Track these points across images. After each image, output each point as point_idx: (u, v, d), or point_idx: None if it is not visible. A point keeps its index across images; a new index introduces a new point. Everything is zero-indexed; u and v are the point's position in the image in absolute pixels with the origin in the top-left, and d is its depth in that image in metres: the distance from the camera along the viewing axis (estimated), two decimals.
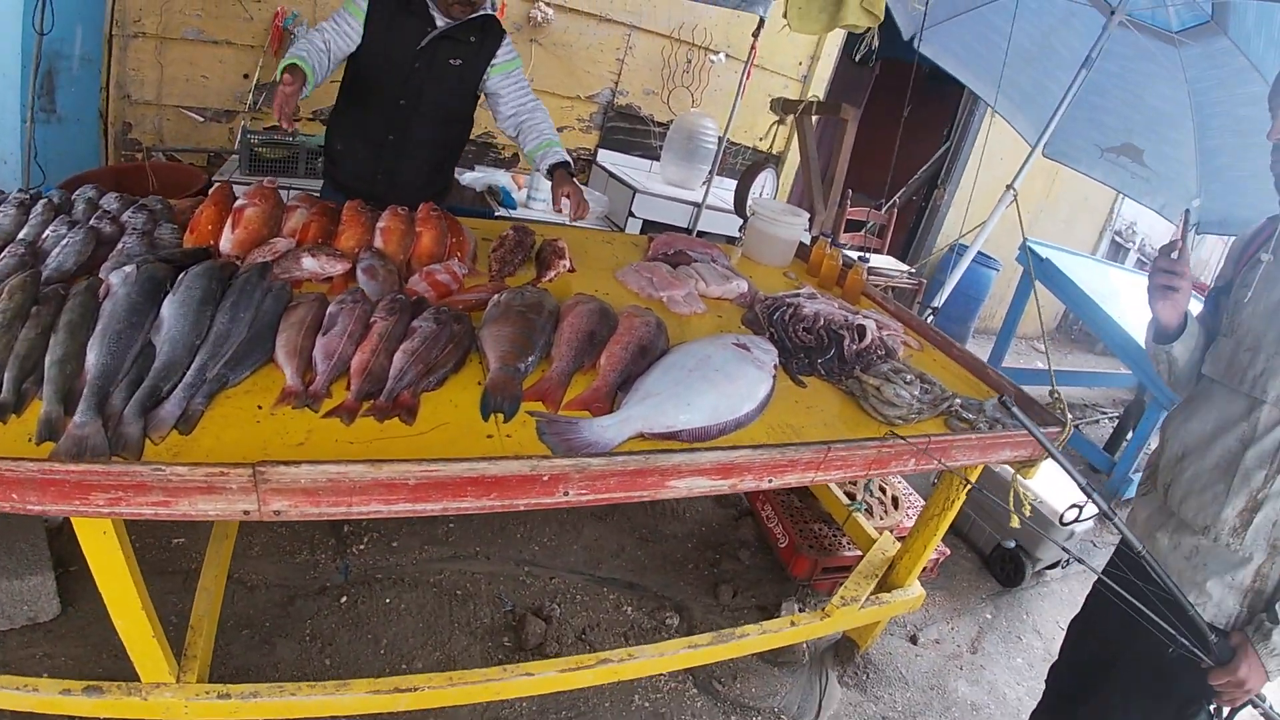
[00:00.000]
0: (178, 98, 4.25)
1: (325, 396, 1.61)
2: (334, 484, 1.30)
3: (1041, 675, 3.42)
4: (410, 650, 2.63)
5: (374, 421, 1.57)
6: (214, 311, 1.70)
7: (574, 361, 1.91)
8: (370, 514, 1.37)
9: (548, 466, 1.44)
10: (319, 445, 1.48)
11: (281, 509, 1.30)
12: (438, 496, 1.39)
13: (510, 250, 2.51)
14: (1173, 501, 1.88)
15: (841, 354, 2.41)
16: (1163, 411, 4.63)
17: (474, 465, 1.38)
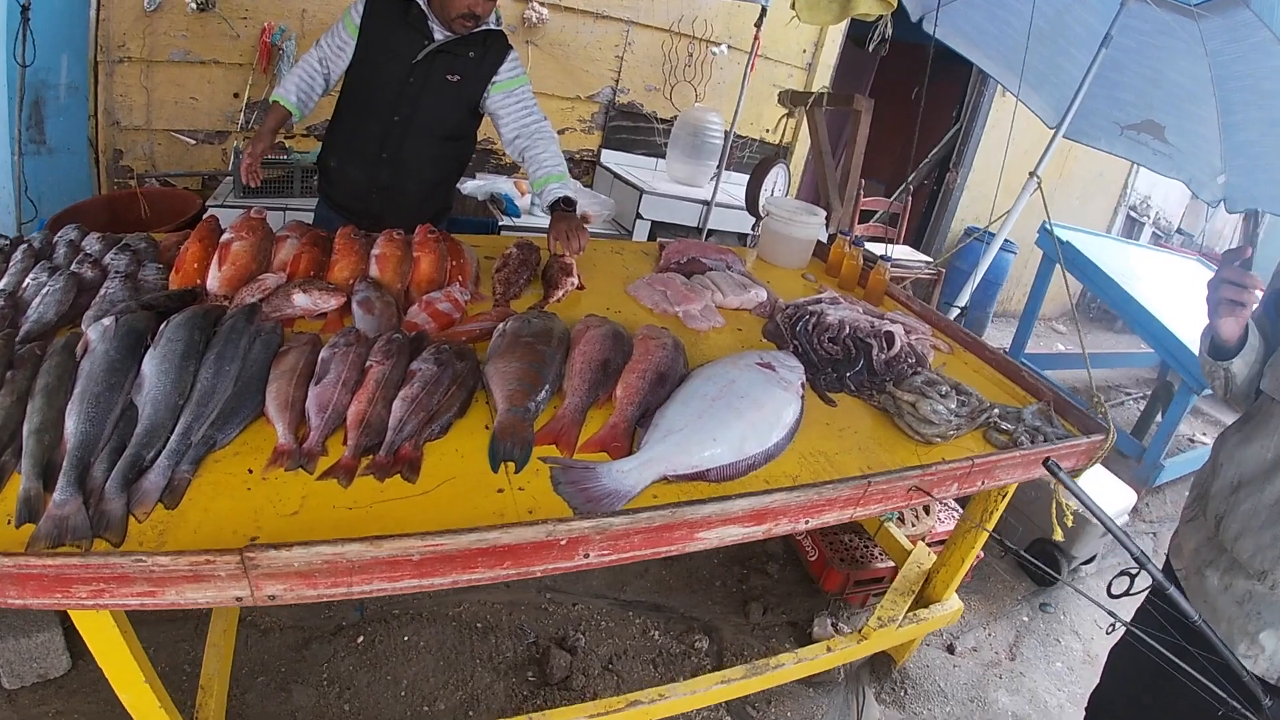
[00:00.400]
0: (167, 121, 4.14)
1: (321, 454, 1.50)
2: (331, 565, 1.19)
3: (1081, 679, 3.34)
4: (432, 691, 2.53)
5: (374, 481, 1.46)
6: (197, 365, 1.58)
7: (588, 396, 1.79)
8: (374, 592, 1.26)
9: (565, 530, 1.31)
10: (315, 513, 1.36)
11: (276, 593, 1.20)
12: (446, 570, 1.28)
13: (514, 270, 2.39)
14: (1225, 536, 1.71)
15: (870, 365, 2.29)
16: (1193, 396, 4.49)
17: (484, 535, 1.26)
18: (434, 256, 2.26)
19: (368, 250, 2.22)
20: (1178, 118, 4.21)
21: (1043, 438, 2.13)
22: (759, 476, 1.71)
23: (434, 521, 1.38)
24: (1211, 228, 9.58)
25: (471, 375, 1.78)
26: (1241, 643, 1.64)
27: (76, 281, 1.84)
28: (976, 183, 6.70)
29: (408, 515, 1.39)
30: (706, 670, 2.83)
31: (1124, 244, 6.46)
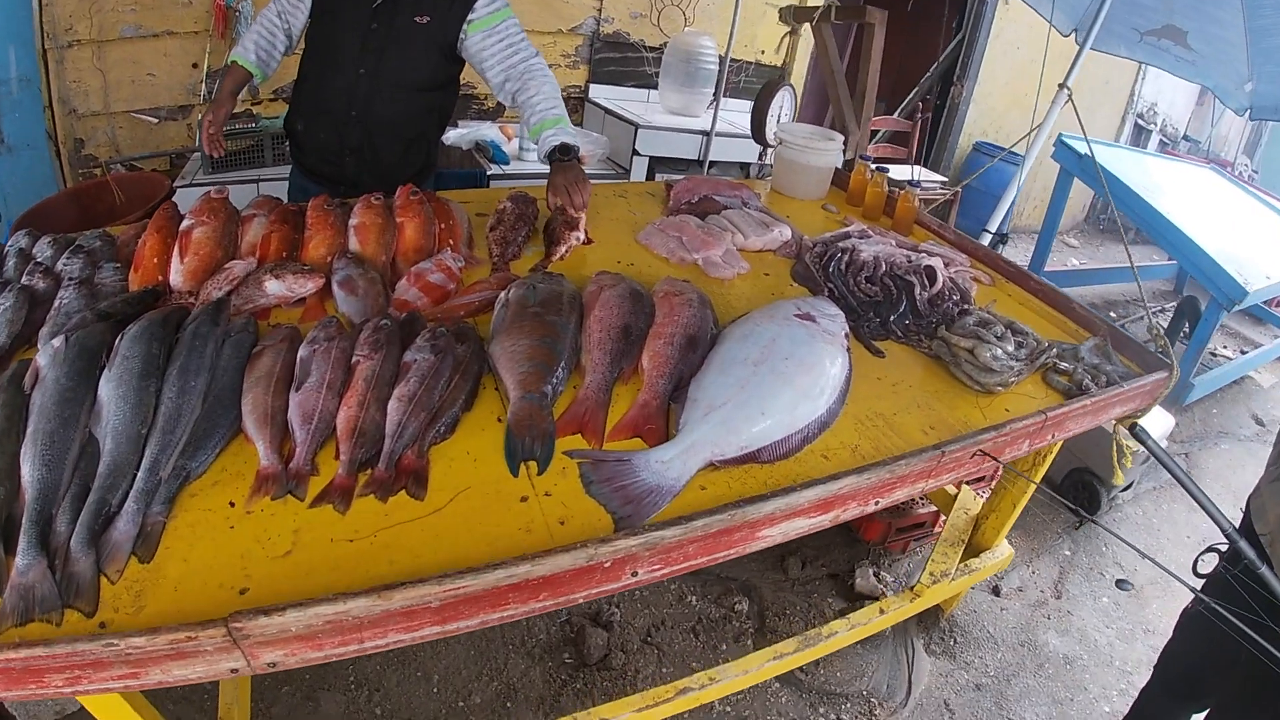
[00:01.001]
0: (126, 102, 3.83)
1: (310, 474, 1.28)
2: (334, 624, 0.99)
3: (1129, 613, 3.21)
4: (465, 684, 2.37)
5: (376, 501, 1.24)
6: (159, 383, 1.35)
7: (611, 370, 1.57)
8: (390, 645, 1.06)
9: (609, 551, 1.11)
10: (310, 550, 1.15)
11: (277, 660, 1.01)
12: (472, 612, 1.08)
13: (511, 227, 2.14)
14: None
15: (914, 306, 2.07)
16: (1222, 312, 4.30)
17: (513, 570, 1.06)
18: (420, 221, 2.02)
19: (345, 221, 1.98)
20: (1201, 22, 3.92)
21: (1104, 377, 1.93)
22: (815, 450, 1.51)
23: (450, 548, 1.18)
24: (1217, 134, 9.30)
25: (475, 359, 1.55)
26: None
27: (28, 296, 1.60)
28: (983, 95, 6.39)
29: (419, 541, 1.19)
30: (749, 634, 2.69)
31: (1138, 154, 6.21)
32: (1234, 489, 4.30)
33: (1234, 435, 4.87)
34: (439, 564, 1.13)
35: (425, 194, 2.12)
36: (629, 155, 4.22)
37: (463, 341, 1.58)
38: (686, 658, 2.56)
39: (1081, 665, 2.92)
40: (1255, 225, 5.44)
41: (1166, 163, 5.98)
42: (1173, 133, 8.69)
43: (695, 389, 1.52)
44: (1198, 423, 4.89)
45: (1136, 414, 2.04)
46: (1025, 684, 2.79)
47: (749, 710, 2.45)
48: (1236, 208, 5.62)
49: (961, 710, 2.64)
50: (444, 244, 2.02)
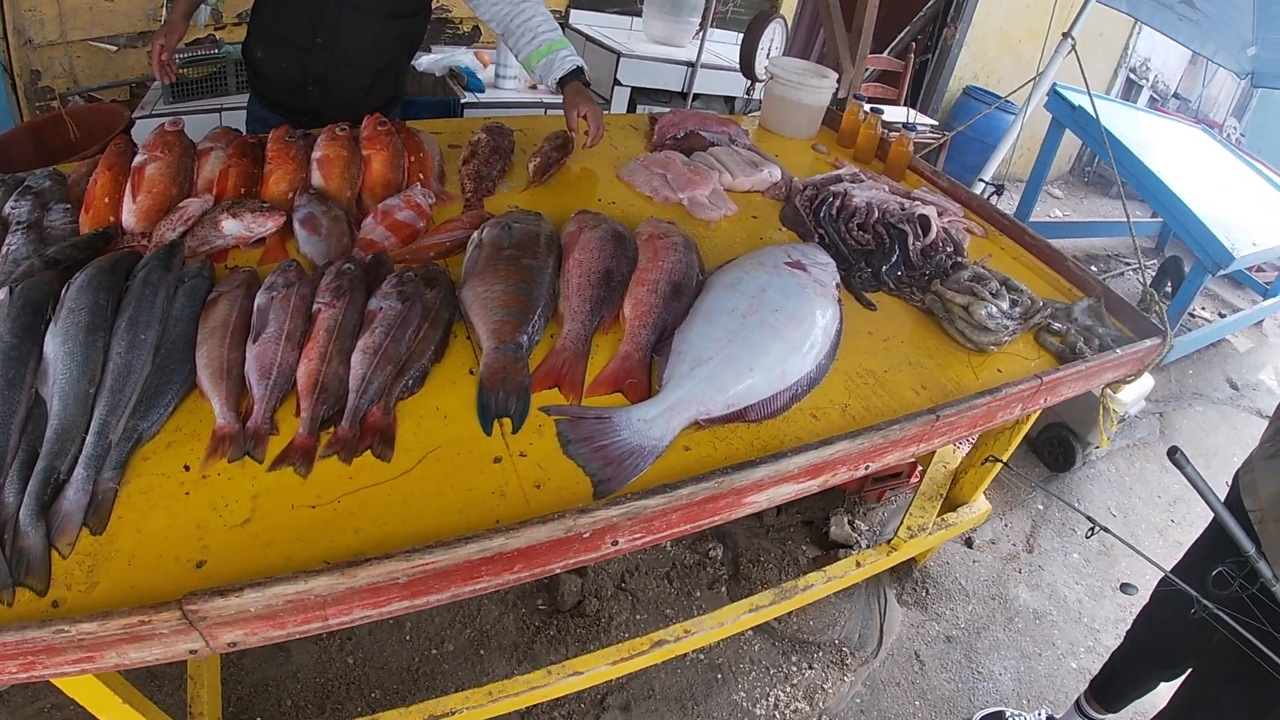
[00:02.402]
0: (84, 30, 3.58)
1: (270, 433, 1.18)
2: (297, 604, 0.92)
3: (1099, 570, 3.22)
4: (438, 631, 2.33)
5: (339, 463, 1.15)
6: (108, 337, 1.23)
7: (591, 318, 1.48)
8: (357, 621, 0.99)
9: (589, 522, 1.04)
10: (270, 517, 1.07)
11: (237, 640, 0.94)
12: (442, 586, 1.01)
13: (485, 161, 2.01)
14: None
15: (907, 256, 1.99)
16: (1206, 275, 4.26)
17: (486, 544, 0.98)
18: (388, 153, 1.88)
19: (308, 154, 1.83)
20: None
21: (1097, 341, 1.87)
22: (804, 409, 1.44)
23: (419, 515, 1.10)
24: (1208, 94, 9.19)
25: (446, 306, 1.45)
26: None
27: None
28: (976, 39, 6.20)
29: (386, 507, 1.10)
30: (723, 581, 2.67)
31: (1130, 109, 6.09)
32: (1205, 451, 4.33)
33: (1208, 398, 4.90)
34: (407, 532, 1.06)
35: (394, 124, 1.97)
36: (610, 85, 4.04)
37: (432, 286, 1.47)
38: (660, 604, 2.54)
39: (1050, 621, 2.94)
40: (1243, 189, 5.38)
41: (1158, 120, 5.88)
42: (1164, 90, 8.57)
43: (680, 341, 1.43)
44: (1173, 383, 4.91)
45: (1126, 379, 2.00)
46: (995, 637, 2.80)
47: (722, 658, 2.44)
48: (1225, 170, 5.56)
49: (931, 661, 2.65)
50: (414, 179, 1.90)
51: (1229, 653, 1.58)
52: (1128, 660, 2.19)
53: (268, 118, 2.32)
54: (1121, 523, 3.57)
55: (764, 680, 2.41)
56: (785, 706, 2.36)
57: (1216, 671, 1.73)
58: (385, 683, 2.18)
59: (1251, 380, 5.28)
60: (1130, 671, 2.18)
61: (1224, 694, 1.70)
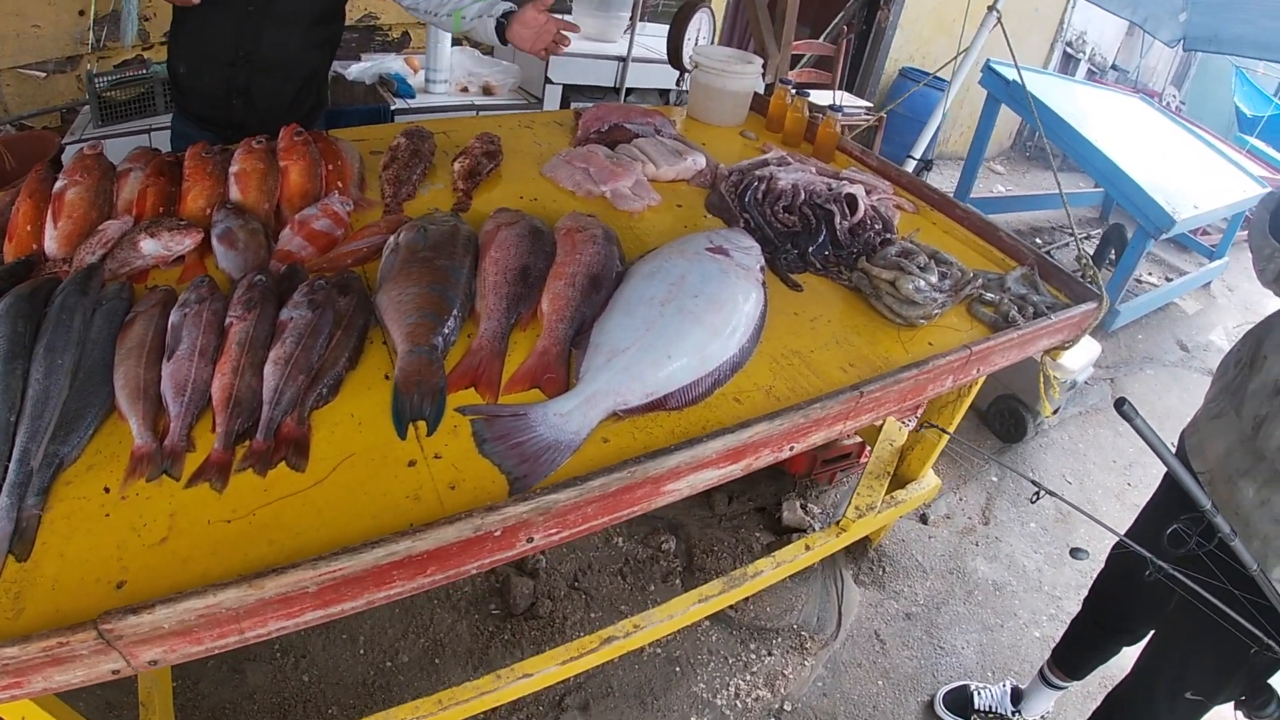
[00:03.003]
0: (11, 57, 3.47)
1: (187, 450, 1.16)
2: (208, 618, 0.90)
3: (1056, 538, 3.26)
4: (392, 643, 2.30)
5: (255, 476, 1.13)
6: (27, 365, 1.21)
7: (508, 316, 1.45)
8: (273, 633, 0.97)
9: (497, 520, 1.01)
10: (187, 534, 1.04)
11: (157, 658, 0.92)
12: (355, 593, 0.99)
13: (405, 165, 1.98)
14: (1266, 444, 1.46)
15: (834, 236, 1.98)
16: (1149, 240, 4.33)
17: (393, 548, 0.96)
18: (304, 163, 1.83)
19: (225, 168, 1.79)
20: None
21: (1031, 309, 1.88)
22: (727, 394, 1.42)
23: (332, 523, 1.08)
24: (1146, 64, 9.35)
25: (360, 312, 1.42)
26: (1277, 566, 1.45)
27: None
28: (910, 20, 6.25)
29: (300, 517, 1.08)
30: (677, 573, 2.65)
31: (1066, 81, 6.20)
32: (1158, 413, 4.39)
33: (1159, 360, 4.98)
34: (320, 542, 1.04)
35: (311, 133, 1.93)
36: (541, 84, 4.01)
37: (346, 293, 1.44)
38: (615, 601, 2.52)
39: (1011, 591, 2.96)
40: (1183, 155, 5.49)
41: (1095, 91, 5.97)
42: (1101, 62, 8.70)
43: (597, 333, 1.41)
44: (1123, 348, 4.98)
45: (1065, 345, 2.01)
46: (955, 611, 2.81)
47: (679, 650, 2.42)
48: (1165, 138, 5.66)
49: (892, 640, 2.66)
50: (332, 187, 1.86)
51: (1191, 615, 1.57)
52: (1086, 628, 2.20)
53: (192, 134, 2.27)
54: (1078, 489, 3.61)
55: (723, 670, 2.40)
56: (746, 695, 2.36)
57: (1179, 634, 1.73)
58: (341, 698, 2.15)
59: (1202, 341, 5.38)
60: (1090, 639, 2.19)
61: (1189, 656, 1.69)
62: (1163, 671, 1.77)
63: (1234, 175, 5.49)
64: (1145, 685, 1.82)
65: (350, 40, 4.24)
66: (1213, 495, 1.55)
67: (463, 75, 3.95)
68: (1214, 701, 1.66)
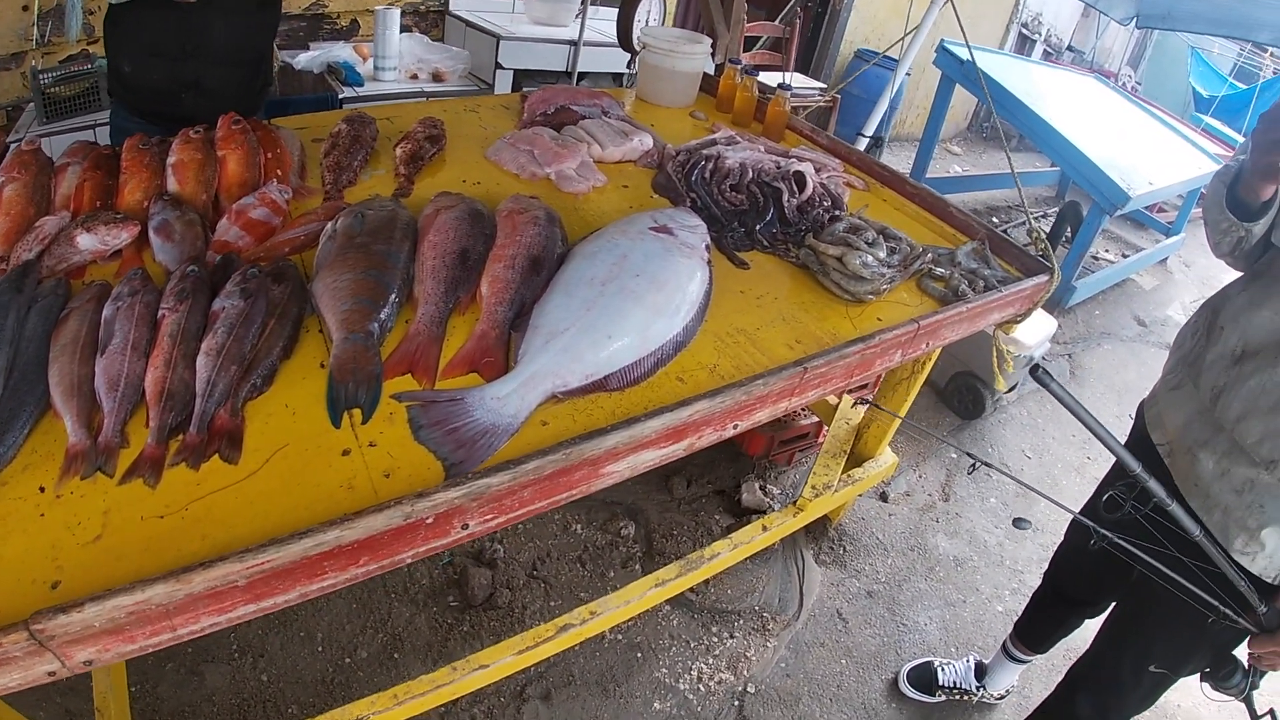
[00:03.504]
0: None
1: (121, 446, 1.13)
2: (138, 615, 0.88)
3: (1017, 512, 3.28)
4: (350, 639, 2.27)
5: (189, 470, 1.10)
6: None
7: (446, 300, 1.42)
8: (207, 630, 0.95)
9: (428, 506, 0.99)
10: (121, 532, 1.01)
11: (92, 658, 0.89)
12: (287, 586, 0.97)
13: (345, 152, 1.93)
14: (1224, 415, 1.45)
15: (782, 213, 1.97)
16: (1104, 216, 4.38)
17: (321, 538, 0.93)
18: (243, 152, 1.79)
19: (163, 160, 1.75)
20: None
21: (982, 283, 1.88)
22: (669, 373, 1.40)
23: (265, 515, 1.05)
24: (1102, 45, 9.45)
25: (295, 300, 1.38)
26: (1238, 537, 1.43)
27: None
28: (864, 2, 6.26)
29: (233, 510, 1.05)
30: (636, 559, 2.64)
31: (1022, 61, 6.25)
32: (1116, 388, 4.45)
33: (1116, 336, 5.04)
34: (253, 534, 1.00)
35: (250, 122, 1.89)
36: (492, 69, 3.96)
37: (280, 282, 1.40)
38: (574, 588, 2.51)
39: (972, 566, 2.99)
40: (1138, 133, 5.56)
41: (1050, 71, 6.03)
42: (1057, 43, 8.79)
43: (537, 315, 1.38)
44: (1081, 324, 5.04)
45: (1016, 319, 2.01)
46: (917, 588, 2.83)
47: (640, 636, 2.42)
48: (1120, 116, 5.73)
49: (855, 618, 2.67)
50: (271, 175, 1.81)
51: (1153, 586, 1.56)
52: (1048, 601, 2.21)
53: (131, 129, 2.21)
54: (1037, 464, 3.65)
55: (685, 654, 2.40)
56: (709, 679, 2.35)
57: (1141, 606, 1.73)
58: (301, 696, 2.12)
59: (1159, 316, 5.45)
60: (1052, 612, 2.21)
61: (1153, 629, 1.69)
62: (1126, 644, 1.77)
63: (1189, 153, 5.57)
64: (1109, 658, 1.82)
65: (299, 29, 4.16)
66: (1172, 466, 1.57)
67: (412, 62, 3.89)
68: (1179, 674, 1.67)
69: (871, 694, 2.45)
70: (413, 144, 2.01)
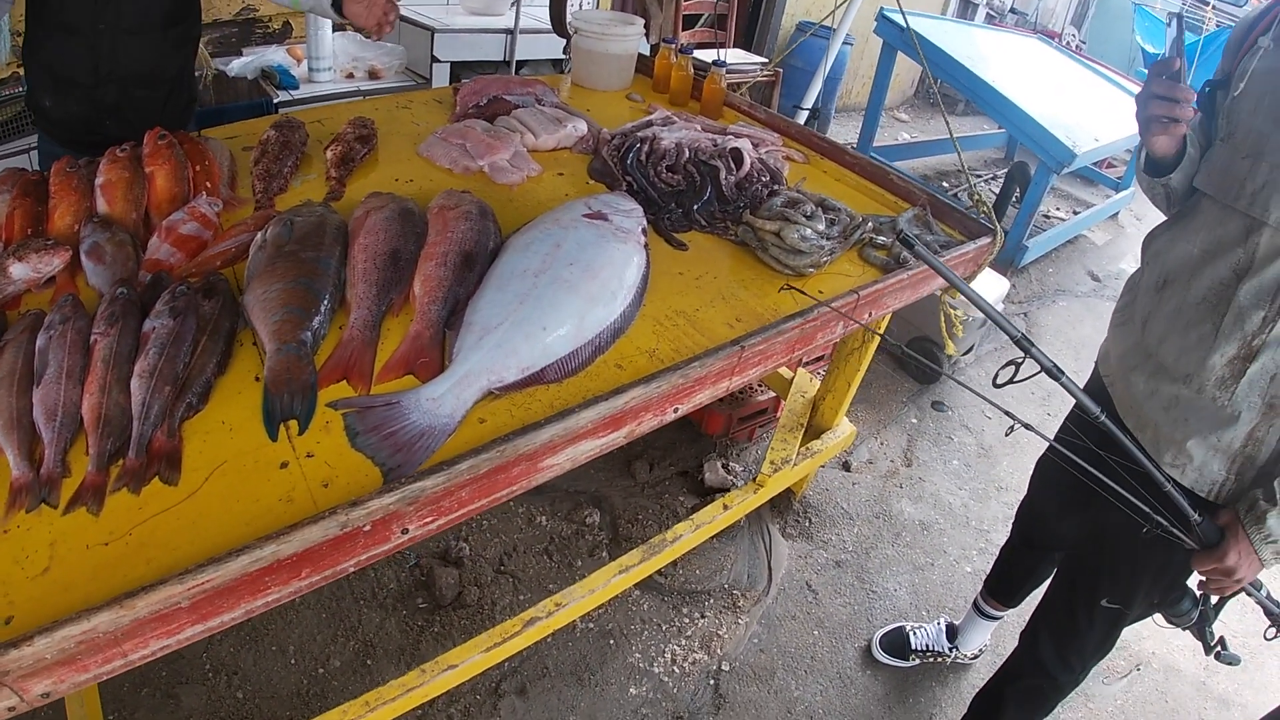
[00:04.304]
0: None
1: (64, 475, 1.12)
2: (87, 644, 0.87)
3: (980, 473, 3.33)
4: (322, 649, 2.25)
5: (131, 496, 1.08)
6: None
7: (378, 303, 1.40)
8: (159, 653, 0.95)
9: (362, 514, 0.98)
10: (67, 563, 1.00)
11: (49, 689, 0.89)
12: (231, 604, 0.97)
13: (275, 159, 1.89)
14: (1150, 338, 1.55)
15: (720, 191, 1.97)
16: (1052, 175, 4.43)
17: (258, 554, 0.93)
18: (170, 166, 1.75)
19: (92, 181, 1.71)
20: None
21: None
22: (608, 361, 1.40)
23: (206, 535, 1.04)
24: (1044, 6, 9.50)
25: (227, 315, 1.36)
26: (1168, 451, 1.50)
27: None
28: None
29: (176, 532, 1.04)
30: (603, 546, 2.65)
31: (964, 25, 6.27)
32: (1073, 343, 4.51)
33: (1071, 292, 5.10)
34: (197, 554, 1.00)
35: (177, 135, 1.85)
36: (429, 63, 3.91)
37: (211, 297, 1.38)
38: (543, 580, 2.50)
39: (939, 529, 3.02)
40: (1083, 92, 5.60)
41: (992, 34, 6.06)
42: (999, 6, 8.81)
43: (470, 311, 1.37)
44: (1034, 283, 5.09)
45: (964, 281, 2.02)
46: (884, 554, 2.86)
47: (611, 623, 2.42)
48: (1065, 76, 5.77)
49: (824, 589, 2.69)
50: (200, 188, 1.78)
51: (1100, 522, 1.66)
52: (1016, 552, 2.25)
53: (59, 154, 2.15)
54: (997, 424, 3.69)
55: (658, 638, 2.41)
56: (683, 660, 2.37)
57: (1090, 543, 1.78)
58: (277, 711, 2.11)
59: (1113, 270, 5.53)
60: (1022, 562, 2.24)
61: (1100, 562, 1.73)
62: (1077, 583, 1.82)
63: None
64: (1062, 598, 1.87)
65: (230, 35, 4.07)
66: (1113, 394, 1.65)
67: (347, 61, 3.83)
68: (1131, 608, 1.70)
69: (846, 662, 2.48)
70: (343, 146, 1.98)
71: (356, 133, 2.03)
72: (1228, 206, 1.39)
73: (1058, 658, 1.87)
